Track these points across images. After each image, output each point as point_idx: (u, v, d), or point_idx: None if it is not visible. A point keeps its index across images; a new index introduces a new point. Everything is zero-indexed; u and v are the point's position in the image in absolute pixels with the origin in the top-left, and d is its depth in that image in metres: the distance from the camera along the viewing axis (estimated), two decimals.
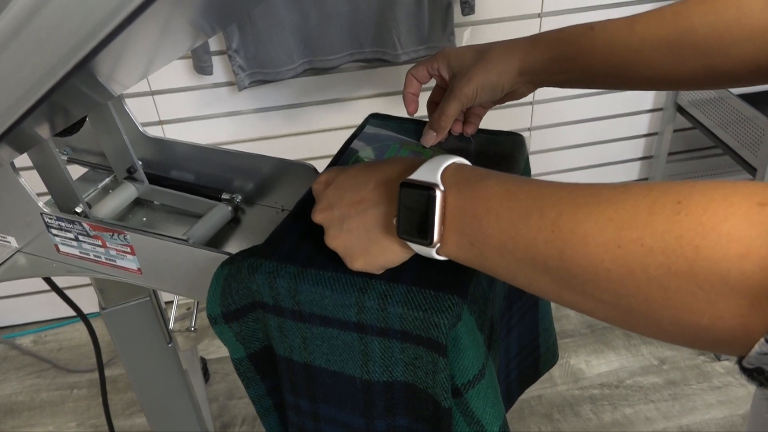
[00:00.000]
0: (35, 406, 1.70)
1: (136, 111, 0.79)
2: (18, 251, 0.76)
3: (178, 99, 1.62)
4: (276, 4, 1.44)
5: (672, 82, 0.61)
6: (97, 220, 0.71)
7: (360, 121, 0.75)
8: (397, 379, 0.53)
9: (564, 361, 1.72)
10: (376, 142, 0.70)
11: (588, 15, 1.67)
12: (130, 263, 0.71)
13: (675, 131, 1.90)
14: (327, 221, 0.51)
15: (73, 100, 0.54)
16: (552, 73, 0.63)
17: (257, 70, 1.52)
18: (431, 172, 0.45)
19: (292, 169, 0.74)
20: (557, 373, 1.69)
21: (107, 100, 0.73)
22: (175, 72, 1.58)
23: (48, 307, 1.90)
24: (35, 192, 0.70)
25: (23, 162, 0.67)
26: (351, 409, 0.57)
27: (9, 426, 1.65)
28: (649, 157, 1.97)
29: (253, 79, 1.54)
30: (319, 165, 0.69)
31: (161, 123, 1.65)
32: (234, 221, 0.78)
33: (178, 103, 1.63)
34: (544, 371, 0.81)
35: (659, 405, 1.59)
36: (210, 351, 1.79)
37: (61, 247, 0.73)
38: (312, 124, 1.72)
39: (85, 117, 0.75)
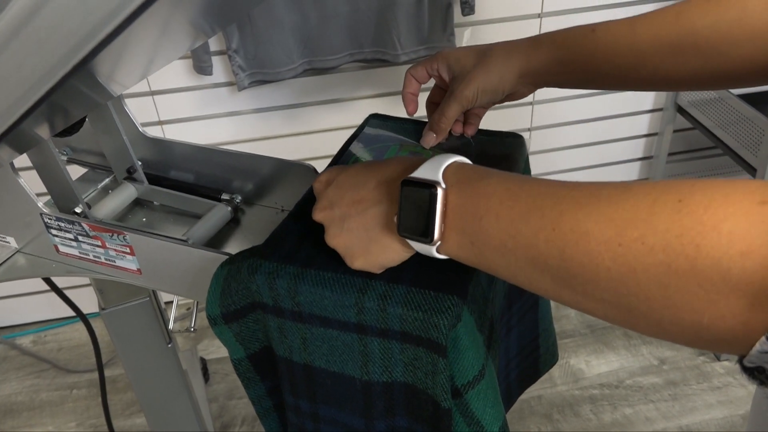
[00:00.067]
0: (35, 407, 1.70)
1: (136, 111, 0.79)
2: (17, 251, 0.76)
3: (177, 99, 1.62)
4: (276, 4, 1.44)
5: (673, 83, 0.61)
6: (96, 221, 0.71)
7: (360, 121, 0.75)
8: (397, 380, 0.53)
9: (564, 361, 1.72)
10: (375, 143, 0.70)
11: (588, 15, 1.67)
12: (130, 263, 0.71)
13: (675, 131, 1.90)
14: (327, 220, 0.51)
15: (72, 101, 0.54)
16: (553, 74, 0.63)
17: (257, 70, 1.52)
18: (433, 171, 0.45)
19: (291, 169, 0.74)
20: (557, 374, 1.69)
21: (107, 101, 0.73)
22: (175, 72, 1.58)
23: (48, 308, 1.90)
24: (35, 192, 0.70)
25: (23, 162, 0.67)
26: (351, 409, 0.57)
27: (9, 426, 1.65)
28: (649, 157, 1.97)
29: (252, 80, 1.53)
30: (319, 165, 0.69)
31: (161, 123, 1.65)
32: (234, 221, 0.78)
33: (178, 103, 1.63)
34: (544, 371, 0.80)
35: (659, 405, 1.59)
36: (210, 351, 1.79)
37: (61, 248, 0.73)
38: (312, 125, 1.72)
39: (85, 117, 0.75)
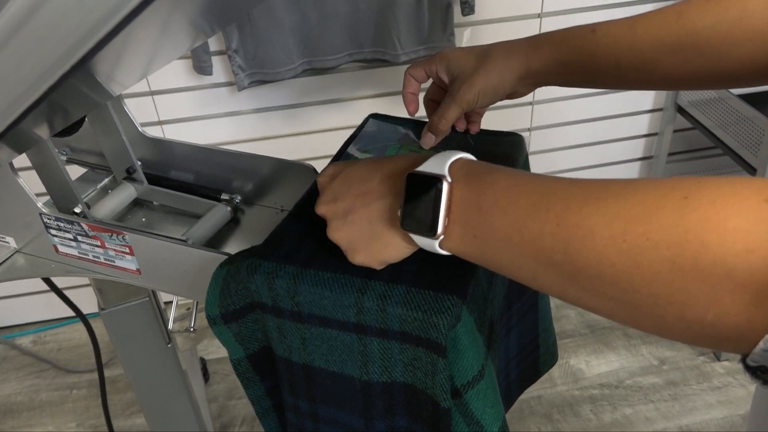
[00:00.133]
0: (35, 407, 1.70)
1: (136, 111, 0.79)
2: (17, 252, 0.76)
3: (177, 99, 1.62)
4: (276, 4, 1.44)
5: (673, 83, 0.61)
6: (96, 221, 0.71)
7: (360, 121, 0.75)
8: (397, 380, 0.53)
9: (564, 361, 1.72)
10: (375, 143, 0.70)
11: (588, 15, 1.67)
12: (129, 264, 0.70)
13: (675, 131, 1.89)
14: (331, 213, 0.51)
15: (72, 100, 0.54)
16: (553, 74, 0.63)
17: (257, 70, 1.52)
18: (439, 165, 0.45)
19: (291, 169, 0.74)
20: (557, 374, 1.69)
21: (106, 101, 0.73)
22: (175, 72, 1.58)
23: (47, 308, 1.90)
24: (34, 192, 0.70)
25: (22, 162, 0.66)
26: (350, 409, 0.57)
27: (8, 426, 1.65)
28: (649, 157, 1.97)
29: (252, 80, 1.53)
30: (319, 165, 0.68)
31: (161, 123, 1.65)
32: (233, 222, 0.78)
33: (178, 103, 1.63)
34: (544, 371, 0.80)
35: (659, 405, 1.59)
36: (209, 351, 1.79)
37: (60, 248, 0.73)
38: (312, 125, 1.72)
39: (84, 117, 0.75)
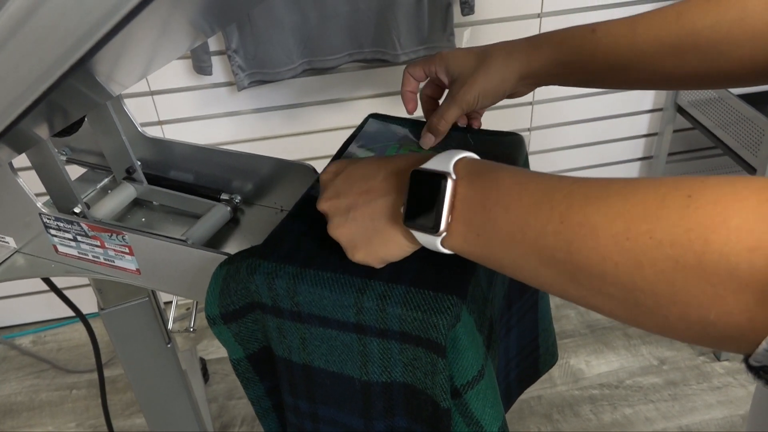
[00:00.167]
0: (34, 407, 1.70)
1: (136, 111, 0.79)
2: (16, 252, 0.76)
3: (177, 99, 1.62)
4: (276, 4, 1.44)
5: (673, 82, 0.61)
6: (95, 221, 0.71)
7: (359, 121, 0.75)
8: (396, 380, 0.53)
9: (564, 361, 1.72)
10: (375, 143, 0.70)
11: (588, 15, 1.67)
12: (129, 264, 0.70)
13: (675, 131, 1.89)
14: (332, 210, 0.51)
15: (71, 100, 0.54)
16: (554, 75, 0.64)
17: (257, 70, 1.52)
18: (444, 163, 0.45)
19: (291, 169, 0.74)
20: (557, 374, 1.69)
21: (106, 101, 0.73)
22: (175, 72, 1.58)
23: (47, 308, 1.90)
24: (34, 192, 0.70)
25: (22, 162, 0.66)
26: (350, 409, 0.57)
27: (8, 426, 1.65)
28: (649, 157, 1.97)
29: (252, 80, 1.53)
30: (319, 165, 0.68)
31: (160, 123, 1.65)
32: (233, 222, 0.78)
33: (178, 103, 1.63)
34: (544, 371, 0.80)
35: (659, 405, 1.59)
36: (209, 351, 1.79)
37: (60, 248, 0.73)
38: (311, 125, 1.72)
39: (84, 117, 0.75)
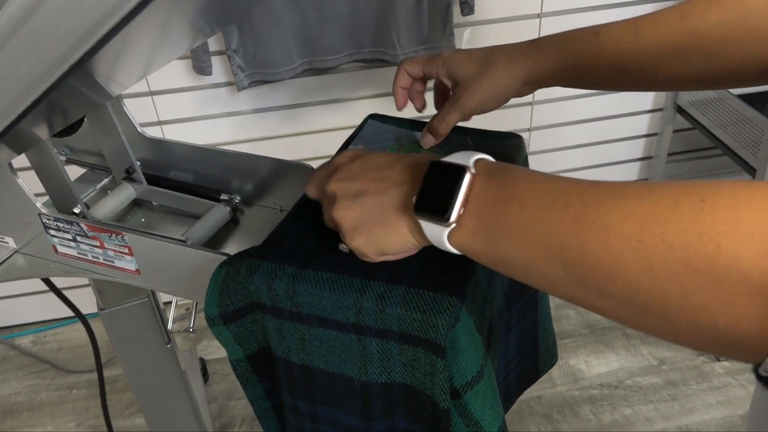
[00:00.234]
0: (34, 407, 1.70)
1: (136, 111, 0.79)
2: (16, 252, 0.76)
3: (177, 99, 1.62)
4: (275, 5, 1.44)
5: (677, 84, 0.60)
6: (95, 221, 0.71)
7: (359, 121, 0.75)
8: (396, 381, 0.53)
9: (563, 361, 1.72)
10: (374, 143, 0.70)
11: (588, 15, 1.67)
12: (129, 264, 0.70)
13: (675, 132, 1.89)
14: (342, 191, 0.51)
15: (71, 101, 0.54)
16: (557, 78, 0.63)
17: (256, 70, 1.52)
18: (464, 158, 0.46)
19: (290, 169, 0.74)
20: (557, 374, 1.69)
21: (106, 101, 0.73)
22: (174, 72, 1.58)
23: (47, 308, 1.90)
24: (33, 192, 0.70)
25: (21, 162, 0.66)
26: (349, 410, 0.57)
27: (8, 426, 1.65)
28: (649, 157, 1.97)
29: (252, 80, 1.53)
30: (319, 165, 0.68)
31: (160, 123, 1.65)
32: (232, 222, 0.78)
33: (178, 103, 1.63)
34: (544, 372, 0.80)
35: (659, 405, 1.59)
36: (209, 351, 1.79)
37: (59, 248, 0.73)
38: (311, 125, 1.72)
39: (84, 117, 0.75)
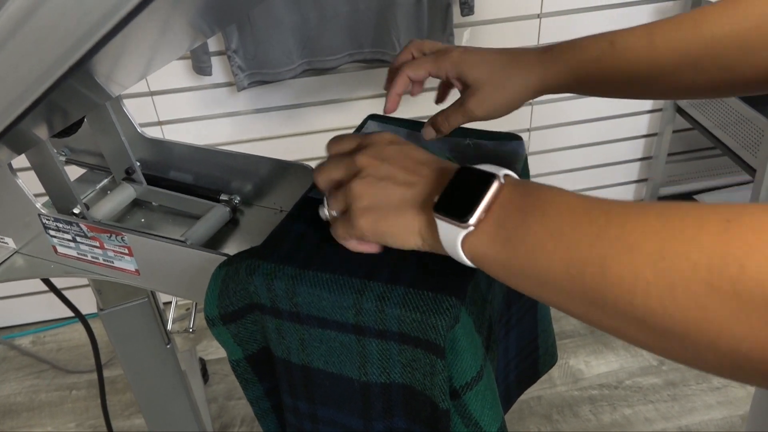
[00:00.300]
0: (34, 407, 1.70)
1: (135, 111, 0.79)
2: (16, 252, 0.76)
3: (177, 99, 1.62)
4: (275, 5, 1.44)
5: (690, 92, 0.60)
6: (94, 222, 0.71)
7: (359, 121, 0.75)
8: (395, 381, 0.53)
9: (563, 361, 1.72)
10: None
11: (588, 15, 1.67)
12: (128, 264, 0.70)
13: (674, 132, 1.90)
14: (370, 167, 0.50)
15: (70, 101, 0.54)
16: (569, 87, 0.62)
17: (256, 70, 1.52)
18: (494, 169, 0.46)
19: (290, 170, 0.74)
20: (556, 374, 1.69)
21: (105, 101, 0.73)
22: (174, 72, 1.58)
23: (47, 308, 1.90)
24: (33, 193, 0.70)
25: (21, 163, 0.66)
26: (349, 410, 0.57)
27: (8, 426, 1.65)
28: (649, 157, 1.97)
29: (252, 80, 1.53)
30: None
31: (160, 123, 1.65)
32: (232, 222, 0.78)
33: (178, 103, 1.63)
34: (543, 372, 0.80)
35: (658, 406, 1.59)
36: (209, 352, 1.79)
37: (59, 248, 0.73)
38: (311, 125, 1.72)
39: (84, 118, 0.75)
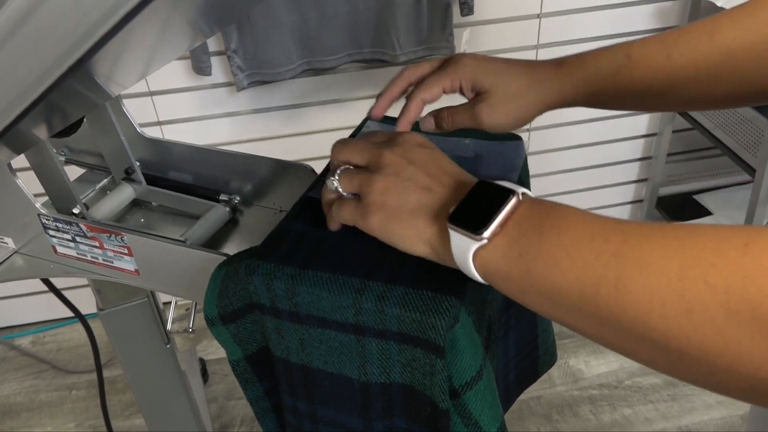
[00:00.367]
0: (34, 407, 1.70)
1: (135, 111, 0.79)
2: (15, 252, 0.76)
3: (176, 99, 1.62)
4: (275, 5, 1.44)
5: (706, 104, 0.59)
6: (94, 221, 0.71)
7: (359, 121, 0.75)
8: (395, 381, 0.53)
9: (563, 361, 1.72)
10: None
11: (588, 15, 1.67)
12: (128, 264, 0.70)
13: (674, 132, 1.90)
14: (395, 167, 0.50)
15: (70, 101, 0.54)
16: (584, 102, 0.62)
17: (256, 70, 1.52)
18: (513, 186, 0.46)
19: (290, 170, 0.74)
20: (556, 374, 1.69)
21: (105, 101, 0.73)
22: (174, 72, 1.58)
23: (46, 308, 1.90)
24: (33, 193, 0.70)
25: (20, 163, 0.66)
26: (349, 410, 0.57)
27: (8, 427, 1.65)
28: (648, 157, 1.97)
29: (251, 80, 1.53)
30: (318, 166, 0.68)
31: (160, 123, 1.65)
32: (232, 222, 0.78)
33: (177, 103, 1.63)
34: (543, 372, 0.80)
35: (658, 405, 1.59)
36: (209, 352, 1.79)
37: (59, 248, 0.73)
38: (311, 125, 1.72)
39: (83, 118, 0.75)
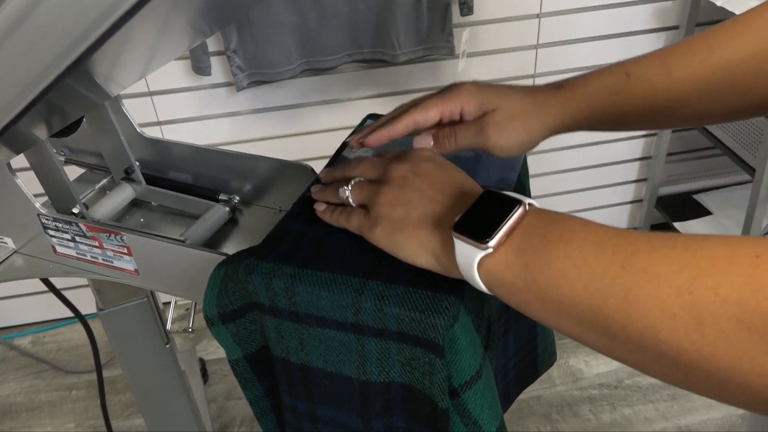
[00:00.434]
0: (34, 407, 1.70)
1: (135, 111, 0.79)
2: (15, 252, 0.76)
3: (176, 99, 1.62)
4: (275, 5, 1.44)
5: (706, 119, 0.59)
6: (94, 221, 0.71)
7: (358, 121, 0.75)
8: (394, 380, 0.53)
9: (563, 361, 1.72)
10: None
11: (588, 15, 1.67)
12: (127, 264, 0.70)
13: (674, 131, 1.89)
14: (401, 178, 0.51)
15: (69, 101, 0.54)
16: (587, 126, 0.62)
17: (256, 70, 1.52)
18: (520, 197, 0.45)
19: (289, 169, 0.74)
20: (556, 374, 1.69)
21: (104, 101, 0.73)
22: (174, 72, 1.58)
23: (46, 308, 1.90)
24: (32, 193, 0.70)
25: (20, 163, 0.66)
26: (348, 409, 0.57)
27: (8, 427, 1.65)
28: (648, 157, 1.97)
29: (251, 80, 1.53)
30: (318, 165, 0.69)
31: (159, 123, 1.65)
32: (231, 222, 0.78)
33: (177, 103, 1.63)
34: (543, 371, 0.80)
35: (658, 405, 1.59)
36: (209, 352, 1.79)
37: (58, 248, 0.73)
38: (310, 125, 1.72)
39: (83, 117, 0.75)
